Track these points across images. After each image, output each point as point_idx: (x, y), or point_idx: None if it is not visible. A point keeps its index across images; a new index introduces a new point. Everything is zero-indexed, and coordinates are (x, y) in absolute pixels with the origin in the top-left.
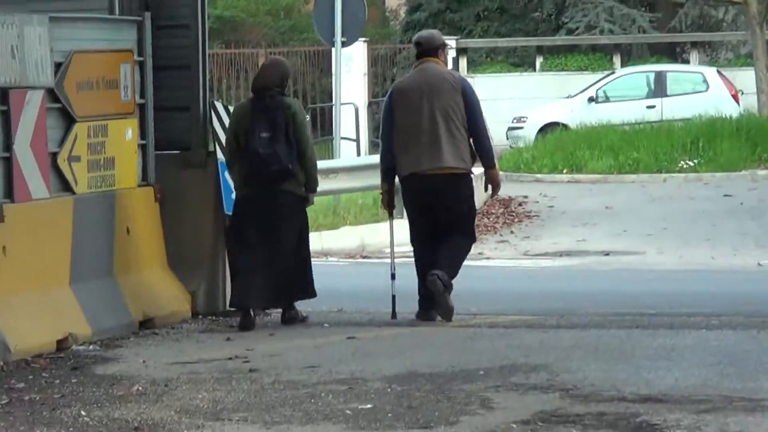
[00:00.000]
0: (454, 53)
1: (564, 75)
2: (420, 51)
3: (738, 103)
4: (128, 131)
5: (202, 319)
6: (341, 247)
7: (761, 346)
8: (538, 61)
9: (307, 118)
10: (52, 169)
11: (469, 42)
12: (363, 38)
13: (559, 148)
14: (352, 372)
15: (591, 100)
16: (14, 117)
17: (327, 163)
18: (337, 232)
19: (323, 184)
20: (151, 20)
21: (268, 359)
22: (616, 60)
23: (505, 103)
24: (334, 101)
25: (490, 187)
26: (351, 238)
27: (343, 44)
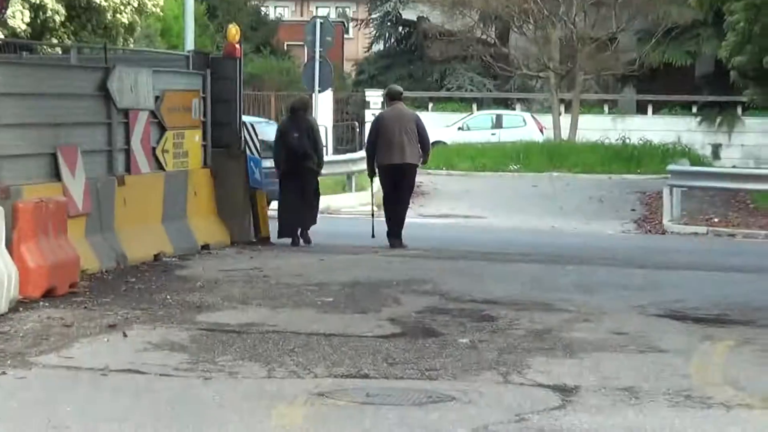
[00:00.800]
0: (382, 99)
1: (445, 114)
2: (393, 97)
3: (542, 134)
4: (196, 136)
5: (236, 246)
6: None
7: (553, 273)
8: (430, 105)
9: (314, 123)
10: (153, 157)
11: None
12: (331, 88)
13: (442, 155)
14: (321, 279)
15: (460, 128)
16: (131, 126)
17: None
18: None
19: None
20: (210, 74)
21: (274, 270)
22: (474, 106)
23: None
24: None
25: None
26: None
27: (320, 91)
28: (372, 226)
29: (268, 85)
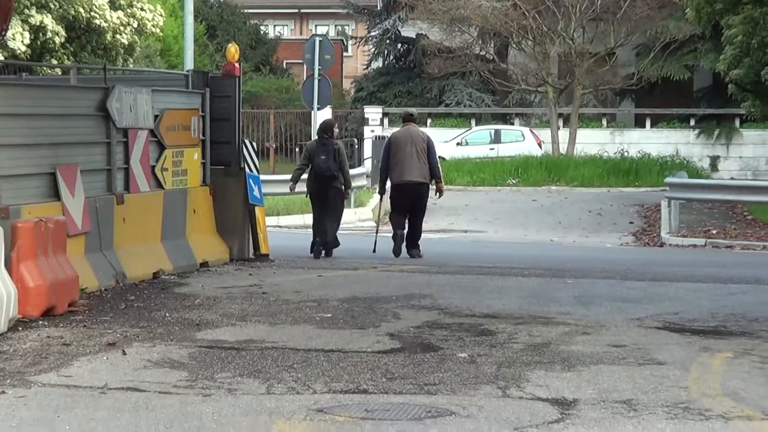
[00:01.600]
0: (380, 115)
1: (444, 130)
2: (406, 118)
3: (541, 148)
4: (195, 154)
5: (235, 263)
6: (294, 224)
7: (551, 287)
8: (429, 121)
9: (340, 146)
10: (152, 175)
11: (390, 109)
12: (329, 105)
13: (441, 170)
14: (319, 295)
15: (458, 144)
16: (131, 145)
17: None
18: (292, 217)
19: (305, 187)
20: (209, 93)
21: (273, 286)
22: (473, 122)
23: None
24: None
25: (438, 193)
26: (298, 220)
27: (318, 109)
28: (374, 242)
29: (268, 103)
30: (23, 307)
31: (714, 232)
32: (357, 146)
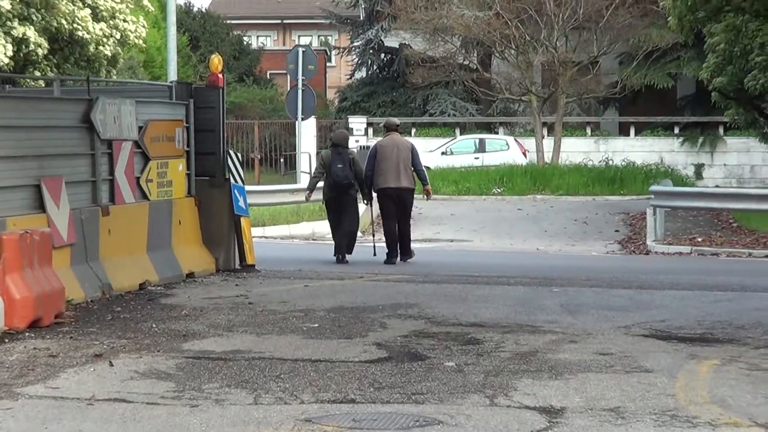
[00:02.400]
0: (365, 125)
1: (428, 139)
2: (390, 128)
3: (525, 157)
4: (180, 166)
5: (221, 273)
6: (301, 233)
7: (538, 295)
8: (413, 131)
9: (355, 155)
10: (137, 186)
11: (374, 119)
12: (314, 115)
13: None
14: (306, 305)
15: (443, 153)
16: (115, 156)
17: (293, 185)
18: (298, 225)
19: (290, 198)
20: (193, 104)
21: (259, 297)
22: (457, 131)
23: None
24: (297, 151)
25: (426, 195)
26: (307, 228)
27: (303, 119)
28: (374, 246)
29: (252, 113)
30: (9, 319)
31: (699, 239)
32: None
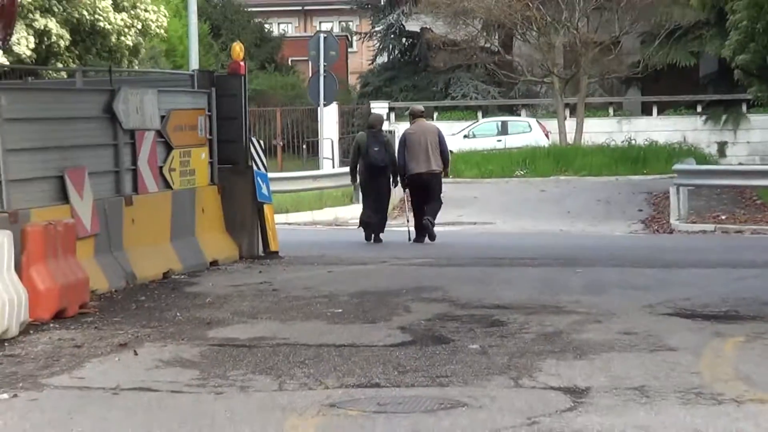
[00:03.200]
0: (387, 110)
1: (450, 122)
2: (416, 114)
3: (548, 139)
4: (203, 154)
5: (245, 261)
6: (323, 219)
7: (562, 276)
8: (435, 114)
9: (389, 138)
10: (160, 176)
11: (396, 104)
12: (336, 101)
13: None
14: (330, 291)
15: (465, 137)
16: (138, 146)
17: (315, 172)
18: (321, 211)
19: (313, 184)
20: (215, 92)
21: (283, 283)
22: (479, 114)
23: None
24: (319, 137)
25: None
26: (329, 214)
27: (325, 105)
28: (408, 231)
29: (274, 100)
30: (34, 310)
31: (723, 217)
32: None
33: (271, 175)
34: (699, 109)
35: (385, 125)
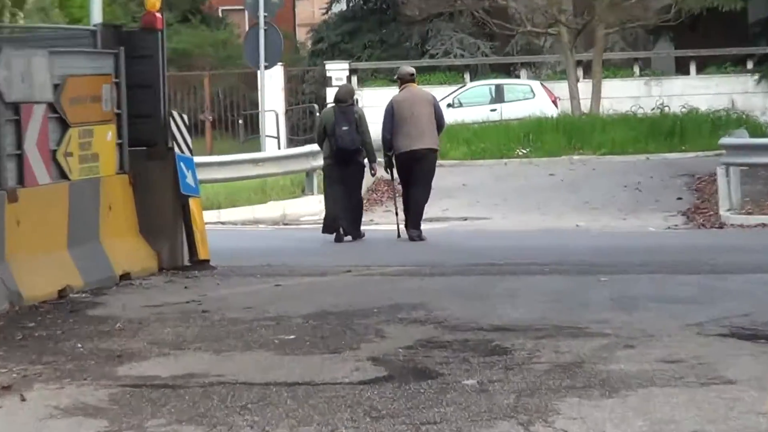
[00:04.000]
0: (347, 72)
1: (428, 88)
2: (404, 79)
3: (556, 107)
4: (108, 133)
5: (166, 273)
6: (268, 216)
7: (581, 287)
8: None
9: (362, 113)
10: (52, 162)
11: (359, 64)
12: (280, 62)
13: None
14: (278, 311)
15: (449, 105)
16: (24, 124)
17: (256, 154)
18: (265, 206)
19: (253, 170)
20: (125, 53)
21: (216, 302)
22: (466, 76)
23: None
24: (260, 109)
25: None
26: (275, 209)
27: (266, 67)
28: (398, 225)
29: (200, 63)
30: None
31: None
32: (318, 114)
33: (198, 159)
34: (750, 65)
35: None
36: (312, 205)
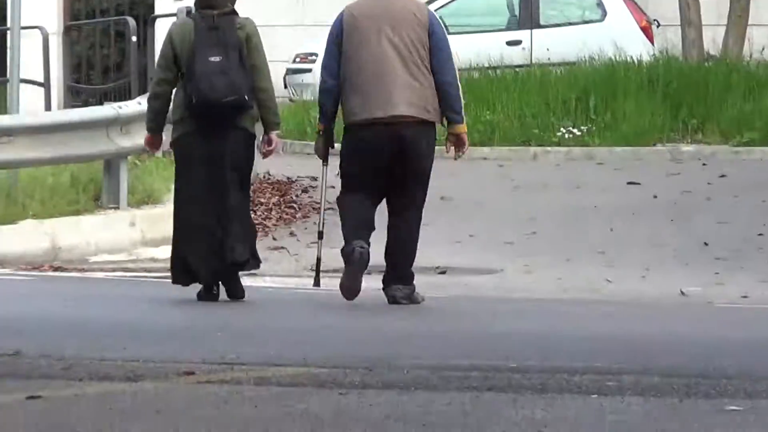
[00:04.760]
0: None
1: None
2: None
3: (651, 41)
4: None
5: None
6: (21, 251)
7: (686, 424)
8: None
9: (250, 30)
10: None
11: None
12: None
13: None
14: None
15: None
16: None
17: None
18: (14, 228)
19: None
20: None
21: None
22: None
23: (285, 32)
24: (9, 23)
25: (456, 147)
26: (37, 237)
27: None
28: (317, 263)
29: None
30: None
31: None
32: (134, 40)
33: None
34: None
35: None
36: (116, 231)
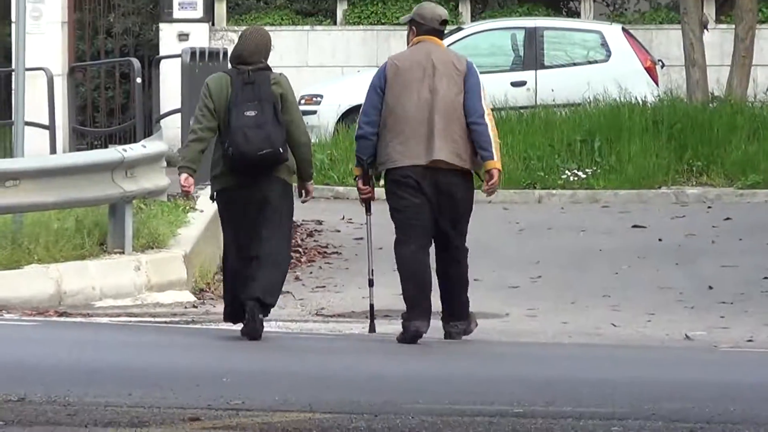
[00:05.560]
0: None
1: (379, 31)
2: (426, 25)
3: (656, 81)
4: None
5: None
6: (26, 296)
7: None
8: (341, 9)
9: (285, 86)
10: None
11: None
12: None
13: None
14: None
15: None
16: None
17: (3, 163)
18: (18, 274)
19: None
20: None
21: None
22: (464, 10)
23: (290, 73)
24: (14, 65)
25: (487, 189)
26: (42, 282)
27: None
28: (370, 309)
29: None
30: None
31: None
32: (140, 82)
33: None
34: None
35: (177, 36)
36: (121, 276)
